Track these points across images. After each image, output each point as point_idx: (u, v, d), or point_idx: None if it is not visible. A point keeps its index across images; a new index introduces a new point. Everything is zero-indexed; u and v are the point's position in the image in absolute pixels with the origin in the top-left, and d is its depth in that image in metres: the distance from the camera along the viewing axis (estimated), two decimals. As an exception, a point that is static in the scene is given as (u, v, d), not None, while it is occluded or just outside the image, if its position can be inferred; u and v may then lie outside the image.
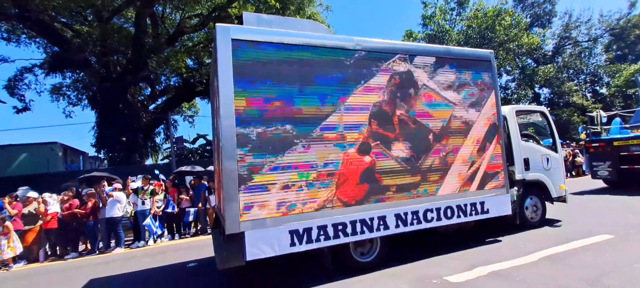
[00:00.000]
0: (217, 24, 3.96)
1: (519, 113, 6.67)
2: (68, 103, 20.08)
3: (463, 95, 5.38)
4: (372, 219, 4.50)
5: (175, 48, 18.33)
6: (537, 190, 6.46)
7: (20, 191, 8.73)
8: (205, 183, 9.71)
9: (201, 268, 5.81)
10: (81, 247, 8.54)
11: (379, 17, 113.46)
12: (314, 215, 4.17)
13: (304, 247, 4.11)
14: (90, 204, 8.21)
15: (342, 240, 4.33)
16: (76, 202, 8.32)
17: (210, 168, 9.33)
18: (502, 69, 29.16)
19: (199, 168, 10.83)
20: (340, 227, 4.31)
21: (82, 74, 18.75)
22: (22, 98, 18.02)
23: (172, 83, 22.20)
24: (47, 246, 8.09)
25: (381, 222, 4.56)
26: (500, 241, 5.63)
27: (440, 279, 4.12)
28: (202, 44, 19.39)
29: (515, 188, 6.10)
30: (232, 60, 3.89)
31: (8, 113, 69.48)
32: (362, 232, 4.44)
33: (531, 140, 6.72)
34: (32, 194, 8.39)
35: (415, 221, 4.79)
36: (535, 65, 31.27)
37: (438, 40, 25.88)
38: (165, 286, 5.05)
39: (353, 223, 4.38)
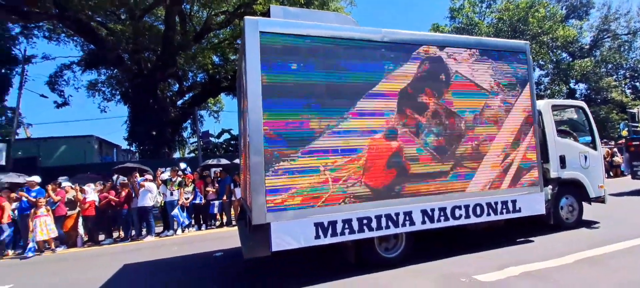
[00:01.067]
0: (245, 17, 4.02)
1: (555, 108, 6.36)
2: (103, 98, 21.12)
3: (496, 88, 5.17)
4: (397, 214, 4.43)
5: (201, 45, 18.78)
6: (574, 190, 6.14)
7: (60, 179, 9.29)
8: (230, 176, 9.93)
9: (227, 258, 5.96)
10: (115, 235, 8.99)
11: (403, 11, 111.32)
12: (339, 208, 4.16)
13: (328, 240, 4.12)
14: (124, 193, 8.63)
15: (367, 234, 4.30)
16: (113, 192, 8.78)
17: (237, 161, 9.50)
18: (534, 63, 27.78)
19: (225, 162, 11.06)
20: (365, 221, 4.28)
21: (115, 70, 19.64)
22: (62, 93, 19.16)
23: (198, 79, 22.81)
24: (83, 232, 8.57)
25: (407, 218, 4.48)
26: (532, 241, 5.41)
27: (469, 278, 4.00)
28: (227, 41, 19.74)
29: (550, 186, 5.82)
30: (261, 53, 3.94)
31: (49, 107, 73.97)
32: (387, 227, 4.39)
33: (568, 137, 6.38)
34: (68, 184, 8.91)
35: (442, 218, 4.67)
36: (570, 59, 29.58)
37: (467, 34, 25.00)
38: (194, 273, 5.22)
39: (378, 217, 4.34)
